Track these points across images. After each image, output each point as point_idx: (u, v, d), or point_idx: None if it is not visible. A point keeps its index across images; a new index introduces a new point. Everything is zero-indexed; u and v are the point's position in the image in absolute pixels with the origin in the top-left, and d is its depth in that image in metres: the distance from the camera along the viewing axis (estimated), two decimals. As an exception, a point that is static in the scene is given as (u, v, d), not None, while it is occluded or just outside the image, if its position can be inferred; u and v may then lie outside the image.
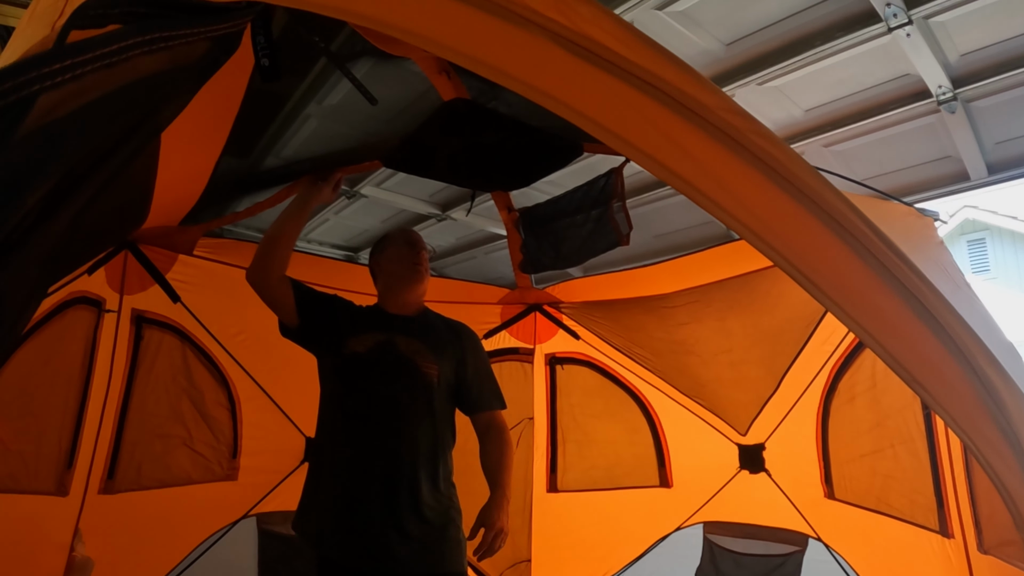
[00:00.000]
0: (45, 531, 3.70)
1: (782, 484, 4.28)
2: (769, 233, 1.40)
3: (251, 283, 2.79)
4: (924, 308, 1.43)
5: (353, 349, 2.89)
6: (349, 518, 2.73)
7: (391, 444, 2.82)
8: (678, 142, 1.38)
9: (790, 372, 4.05)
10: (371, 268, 3.21)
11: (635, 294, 4.47)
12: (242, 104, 3.60)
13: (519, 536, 4.90)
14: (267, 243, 2.87)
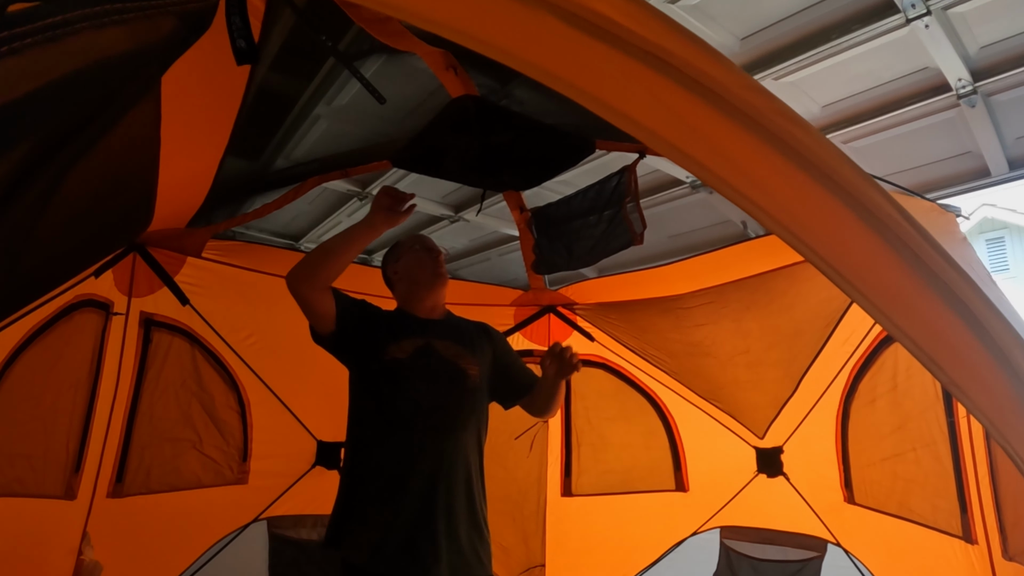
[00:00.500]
0: (53, 535, 3.68)
1: (801, 488, 4.22)
2: (787, 216, 1.31)
3: (293, 290, 2.66)
4: (960, 302, 1.33)
5: (394, 355, 2.79)
6: (408, 529, 2.63)
7: (443, 449, 2.76)
8: (690, 121, 1.29)
9: (809, 373, 3.98)
10: (387, 276, 3.12)
11: (650, 295, 4.41)
12: (251, 106, 3.60)
13: (533, 540, 4.87)
14: (324, 256, 2.72)
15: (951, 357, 1.38)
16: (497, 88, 3.42)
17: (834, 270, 1.32)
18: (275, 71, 3.52)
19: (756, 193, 1.31)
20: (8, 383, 3.38)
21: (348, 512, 2.73)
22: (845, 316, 3.71)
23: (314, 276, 2.68)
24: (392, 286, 3.10)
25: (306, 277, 2.67)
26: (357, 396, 2.89)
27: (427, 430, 2.75)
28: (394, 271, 3.06)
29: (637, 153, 3.34)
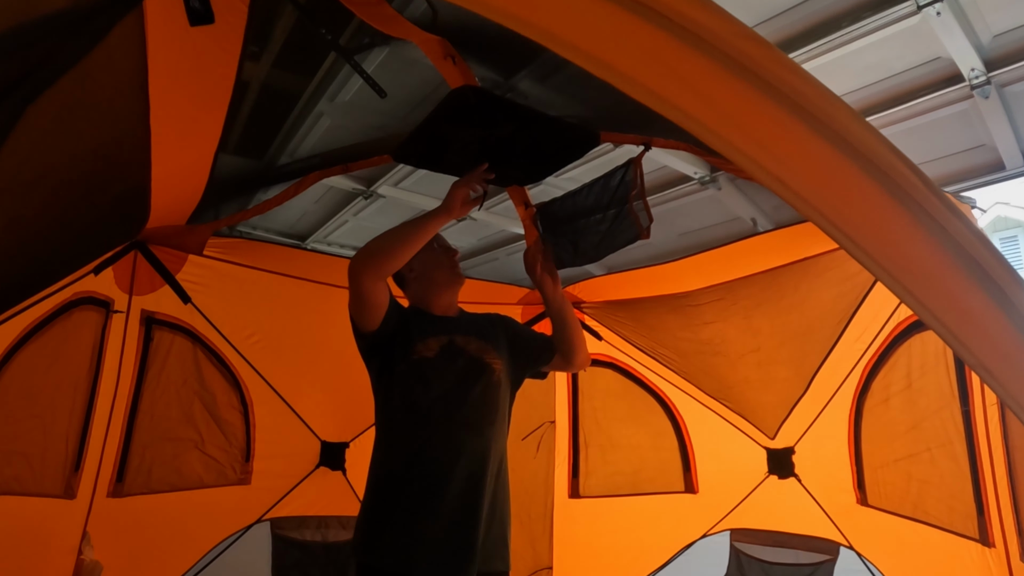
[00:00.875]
0: (53, 534, 3.66)
1: (812, 490, 4.16)
2: (795, 179, 1.22)
3: (358, 280, 2.53)
4: (995, 285, 1.24)
5: (422, 354, 2.73)
6: (445, 531, 2.56)
7: (475, 447, 2.70)
8: (682, 74, 1.21)
9: (821, 372, 3.91)
10: (399, 274, 3.00)
11: (658, 292, 4.35)
12: (253, 105, 3.58)
13: (540, 543, 4.84)
14: (397, 245, 2.61)
15: (983, 340, 1.28)
16: (501, 82, 3.37)
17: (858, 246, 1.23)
18: (277, 68, 3.50)
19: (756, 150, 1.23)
20: (4, 380, 3.35)
21: (380, 517, 2.64)
22: (858, 312, 3.64)
23: (384, 266, 2.60)
24: (405, 284, 3.02)
25: (376, 266, 2.57)
26: (386, 398, 2.79)
27: (460, 429, 2.69)
28: (409, 269, 2.93)
29: (643, 145, 3.26)
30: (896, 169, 1.23)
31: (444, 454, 2.64)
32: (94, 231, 2.93)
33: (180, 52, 2.22)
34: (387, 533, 2.58)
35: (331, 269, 4.26)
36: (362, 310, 2.61)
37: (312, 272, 4.30)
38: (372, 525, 2.63)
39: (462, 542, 2.56)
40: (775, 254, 3.72)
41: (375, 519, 2.64)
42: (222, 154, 2.99)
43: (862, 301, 3.58)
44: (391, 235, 2.62)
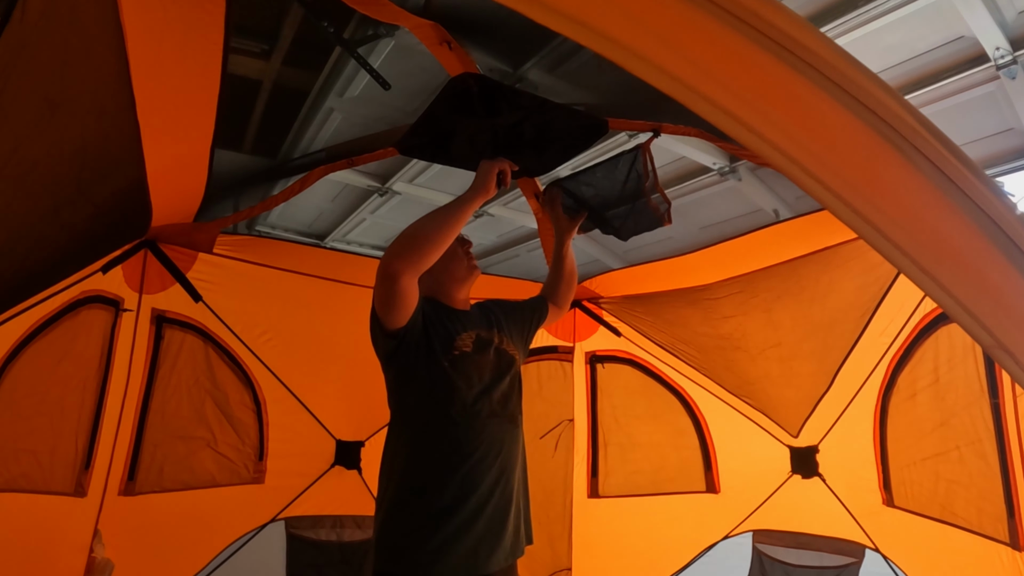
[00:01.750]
0: (64, 532, 3.66)
1: (837, 490, 4.07)
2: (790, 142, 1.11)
3: (395, 277, 2.35)
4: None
5: (462, 349, 2.62)
6: (480, 531, 2.47)
7: (506, 441, 2.62)
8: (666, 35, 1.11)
9: (844, 367, 3.82)
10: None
11: (676, 285, 4.29)
12: (266, 104, 3.55)
13: (559, 544, 4.78)
14: (436, 236, 2.44)
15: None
16: (510, 72, 3.31)
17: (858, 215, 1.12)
18: (287, 65, 3.48)
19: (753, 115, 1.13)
20: (10, 378, 3.33)
21: (410, 522, 2.48)
22: (882, 304, 3.55)
23: (424, 259, 2.43)
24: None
25: (415, 261, 2.39)
26: (415, 399, 2.60)
27: (498, 424, 2.61)
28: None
29: (652, 132, 3.17)
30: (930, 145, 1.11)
31: (481, 452, 2.53)
32: (96, 228, 2.90)
33: (160, 42, 2.19)
34: (421, 539, 2.43)
35: (343, 266, 4.30)
36: (394, 308, 2.44)
37: (324, 269, 4.28)
38: (401, 531, 2.48)
39: (496, 541, 2.49)
40: (795, 244, 3.64)
41: (405, 525, 2.48)
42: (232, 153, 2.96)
43: (887, 292, 3.48)
44: (426, 225, 2.45)
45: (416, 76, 3.43)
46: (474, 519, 2.44)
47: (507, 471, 2.58)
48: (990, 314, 1.15)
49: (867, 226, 1.11)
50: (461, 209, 2.49)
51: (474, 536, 2.43)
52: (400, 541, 2.44)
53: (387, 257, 2.36)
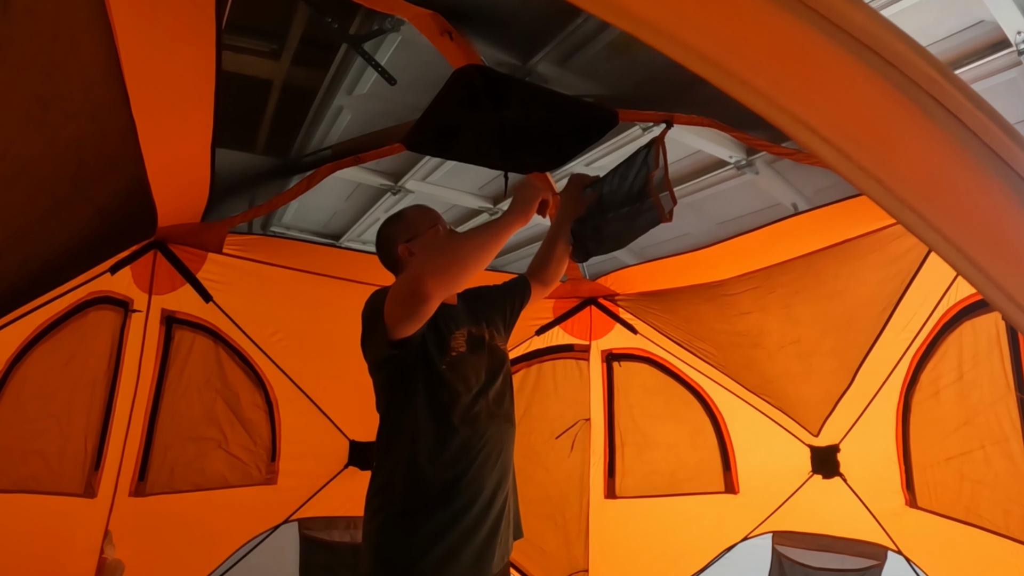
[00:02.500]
0: (74, 533, 3.67)
1: (858, 490, 4.02)
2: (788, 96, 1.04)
3: (425, 297, 2.19)
4: None
5: (458, 350, 2.53)
6: (483, 536, 2.40)
7: (505, 441, 2.56)
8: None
9: (865, 364, 3.75)
10: (397, 255, 2.68)
11: (692, 281, 4.24)
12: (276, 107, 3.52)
13: (576, 545, 4.74)
14: (476, 256, 2.32)
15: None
16: (519, 66, 3.26)
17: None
18: (295, 65, 3.47)
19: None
20: (16, 380, 3.33)
21: (409, 534, 2.36)
22: (904, 298, 3.47)
23: (459, 283, 2.36)
24: (402, 267, 2.67)
25: (448, 285, 2.27)
26: (416, 405, 2.46)
27: (497, 425, 2.53)
28: (409, 251, 2.64)
29: (664, 123, 3.11)
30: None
31: (482, 456, 2.45)
32: (100, 228, 2.88)
33: (150, 37, 2.13)
34: (424, 551, 2.32)
35: (354, 264, 4.27)
36: (414, 324, 2.31)
37: (335, 268, 4.26)
38: (402, 543, 2.36)
39: (497, 544, 2.43)
40: (813, 237, 3.57)
41: (406, 536, 2.36)
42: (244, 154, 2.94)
43: (908, 285, 3.41)
44: (464, 247, 2.33)
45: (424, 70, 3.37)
46: (478, 525, 2.37)
47: (506, 473, 2.52)
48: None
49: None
50: (500, 232, 2.36)
51: (478, 542, 2.36)
52: (401, 552, 2.34)
53: (419, 275, 2.20)
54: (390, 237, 2.69)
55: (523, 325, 4.62)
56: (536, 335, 4.79)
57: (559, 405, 4.79)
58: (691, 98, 3.05)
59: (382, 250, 2.73)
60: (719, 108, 2.96)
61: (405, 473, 2.40)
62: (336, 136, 3.88)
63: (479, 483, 2.40)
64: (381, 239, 2.72)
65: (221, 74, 2.40)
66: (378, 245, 2.74)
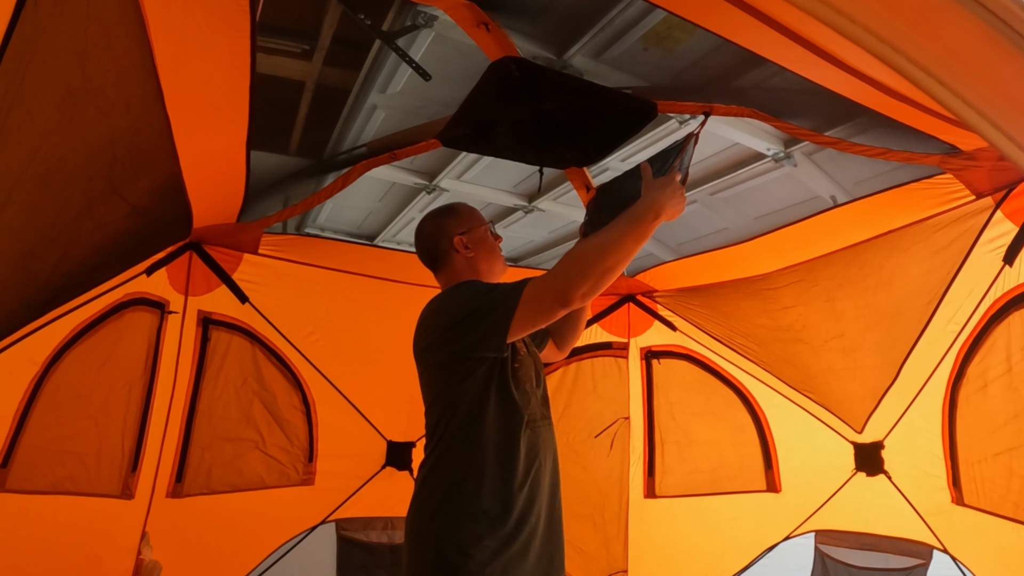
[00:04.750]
0: (111, 534, 3.67)
1: (903, 488, 3.95)
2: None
3: (568, 303, 2.12)
4: None
5: (522, 349, 2.48)
6: (541, 538, 2.33)
7: (556, 451, 2.49)
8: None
9: (911, 358, 3.66)
10: (445, 247, 2.59)
11: (732, 276, 4.20)
12: (309, 108, 3.51)
13: (615, 545, 4.70)
14: (615, 261, 2.17)
15: None
16: (554, 59, 3.24)
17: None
18: (328, 65, 3.47)
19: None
20: (53, 381, 3.32)
21: (467, 544, 2.25)
22: (950, 289, 3.38)
23: (601, 288, 2.21)
24: (448, 260, 2.60)
25: (593, 291, 2.17)
26: (491, 405, 2.36)
27: (547, 428, 2.48)
28: (464, 244, 2.57)
29: (703, 114, 3.06)
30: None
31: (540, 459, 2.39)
32: (136, 228, 2.87)
33: (183, 30, 2.13)
34: (487, 559, 2.24)
35: (390, 263, 4.27)
36: (536, 326, 2.26)
37: (371, 267, 4.24)
38: (459, 552, 2.24)
39: (554, 547, 2.37)
40: (856, 228, 3.51)
41: (464, 544, 2.25)
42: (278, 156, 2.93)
43: (955, 276, 3.32)
44: (608, 249, 2.16)
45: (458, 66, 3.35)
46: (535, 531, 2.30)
47: (557, 476, 2.46)
48: None
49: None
50: (641, 231, 2.18)
51: (537, 547, 2.29)
52: (460, 560, 2.23)
53: (563, 281, 2.12)
54: (442, 228, 2.60)
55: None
56: (574, 333, 4.72)
57: (598, 403, 4.75)
58: (730, 88, 3.01)
59: (430, 240, 2.62)
60: (759, 97, 2.91)
61: (470, 473, 2.31)
62: (370, 135, 3.87)
63: (539, 484, 2.34)
64: (429, 229, 2.63)
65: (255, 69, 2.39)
66: (425, 236, 2.64)
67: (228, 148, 2.83)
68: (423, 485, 2.37)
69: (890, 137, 2.75)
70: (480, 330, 2.24)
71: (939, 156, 2.74)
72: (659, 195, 2.20)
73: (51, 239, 2.37)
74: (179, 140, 2.51)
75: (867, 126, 2.80)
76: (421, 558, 2.27)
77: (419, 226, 2.67)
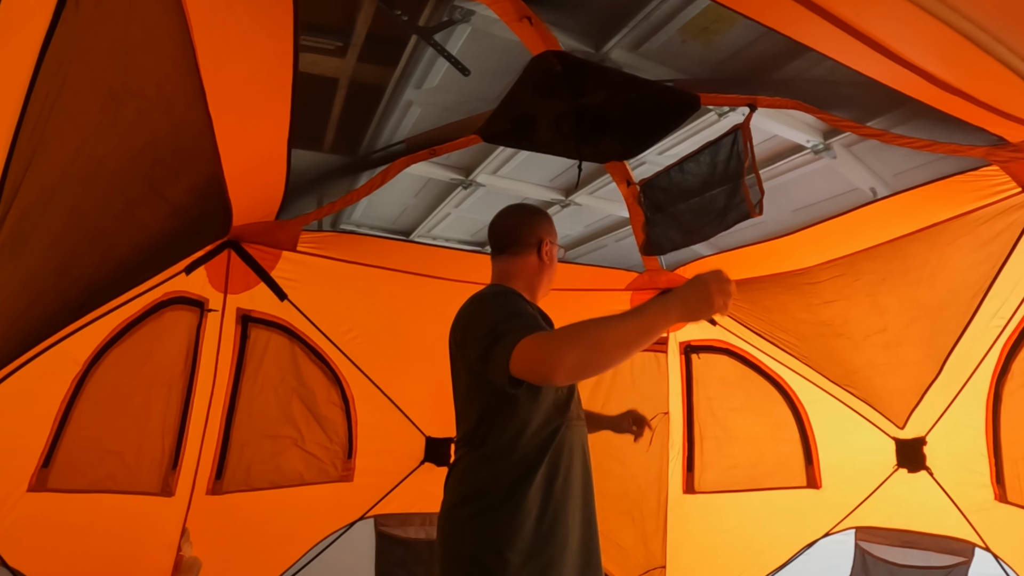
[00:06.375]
0: (151, 531, 3.70)
1: (945, 485, 3.92)
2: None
3: (549, 378, 1.98)
4: None
5: None
6: (579, 539, 2.32)
7: (584, 448, 2.44)
8: None
9: (955, 353, 3.62)
10: (538, 241, 2.55)
11: (773, 270, 4.14)
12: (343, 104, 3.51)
13: (653, 541, 4.68)
14: (615, 353, 1.99)
15: None
16: (592, 53, 3.22)
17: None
18: (362, 62, 3.46)
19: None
20: (94, 380, 3.36)
21: (504, 539, 2.23)
22: (995, 283, 3.33)
23: (596, 373, 2.09)
24: (522, 254, 2.55)
25: (586, 373, 2.03)
26: (519, 410, 2.31)
27: (581, 427, 2.45)
28: (548, 252, 2.56)
29: (748, 106, 3.03)
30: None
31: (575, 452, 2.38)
32: (175, 228, 2.88)
33: (226, 28, 2.13)
34: (528, 554, 2.23)
35: (428, 259, 4.26)
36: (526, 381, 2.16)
37: (409, 263, 4.22)
38: (502, 549, 2.22)
39: (591, 557, 2.34)
40: (899, 222, 3.45)
41: (495, 551, 2.23)
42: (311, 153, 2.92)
43: (1000, 270, 3.27)
44: (610, 340, 1.97)
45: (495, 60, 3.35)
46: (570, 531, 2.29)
47: (590, 475, 2.43)
48: None
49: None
50: (654, 328, 1.98)
51: (574, 547, 2.28)
52: (496, 563, 2.20)
53: (558, 356, 1.96)
54: (538, 225, 2.58)
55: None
56: (614, 328, 4.68)
57: (637, 398, 4.70)
58: (772, 79, 2.99)
59: (519, 227, 2.57)
60: (802, 88, 2.88)
61: (503, 474, 2.29)
62: (406, 131, 3.87)
63: (572, 483, 2.32)
64: (522, 218, 2.60)
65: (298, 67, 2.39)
66: (514, 220, 2.59)
67: (269, 146, 2.84)
68: (456, 485, 2.35)
69: (932, 128, 2.71)
70: (487, 362, 2.17)
71: (985, 148, 2.69)
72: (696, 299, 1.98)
73: (92, 240, 2.39)
74: (221, 139, 2.51)
75: (907, 116, 2.77)
76: (455, 560, 2.26)
77: (512, 208, 2.63)
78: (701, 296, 1.95)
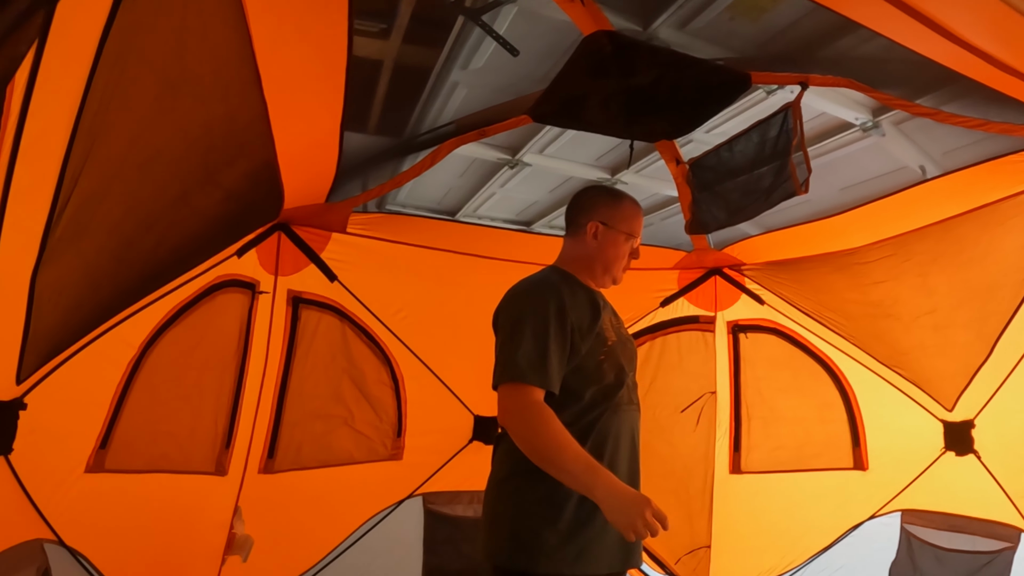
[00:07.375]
0: (204, 509, 3.76)
1: (993, 469, 3.89)
2: None
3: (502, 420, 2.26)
4: None
5: (611, 340, 2.45)
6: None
7: (637, 429, 2.48)
8: None
9: (1005, 335, 3.59)
10: (588, 221, 2.53)
11: (823, 250, 4.11)
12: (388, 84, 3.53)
13: (699, 520, 4.69)
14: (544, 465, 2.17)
15: None
16: (640, 31, 3.20)
17: None
18: (408, 43, 3.46)
19: None
20: (149, 363, 3.38)
21: (550, 517, 2.27)
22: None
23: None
24: (575, 233, 2.59)
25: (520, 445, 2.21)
26: (566, 398, 2.34)
27: (633, 410, 2.47)
28: (595, 232, 2.54)
29: (799, 85, 3.00)
30: None
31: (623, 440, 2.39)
32: (228, 212, 2.94)
33: (280, 14, 2.15)
34: (566, 535, 2.26)
35: (476, 239, 4.28)
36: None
37: (457, 243, 4.25)
38: (540, 526, 2.27)
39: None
40: (950, 202, 3.41)
41: (547, 520, 2.27)
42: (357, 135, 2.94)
43: (1051, 251, 3.24)
44: (553, 459, 2.14)
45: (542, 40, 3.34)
46: None
47: (637, 461, 2.44)
48: None
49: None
50: (578, 487, 2.13)
51: (613, 532, 2.21)
52: (534, 542, 2.25)
53: (515, 425, 2.20)
54: (593, 206, 2.58)
55: (648, 296, 4.61)
56: (661, 307, 4.69)
57: (684, 378, 4.71)
58: (822, 57, 2.95)
59: (577, 208, 2.62)
60: (853, 66, 2.84)
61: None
62: (451, 112, 3.87)
63: (615, 468, 2.29)
64: (584, 200, 2.62)
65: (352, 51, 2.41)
66: (579, 201, 2.64)
67: (322, 130, 2.87)
68: (504, 456, 2.38)
69: (986, 106, 2.67)
70: (495, 363, 2.32)
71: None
72: (628, 515, 2.00)
73: (148, 226, 2.44)
74: (275, 124, 2.54)
75: (957, 94, 2.73)
76: (497, 533, 2.31)
77: (581, 188, 2.67)
78: (624, 512, 1.99)
